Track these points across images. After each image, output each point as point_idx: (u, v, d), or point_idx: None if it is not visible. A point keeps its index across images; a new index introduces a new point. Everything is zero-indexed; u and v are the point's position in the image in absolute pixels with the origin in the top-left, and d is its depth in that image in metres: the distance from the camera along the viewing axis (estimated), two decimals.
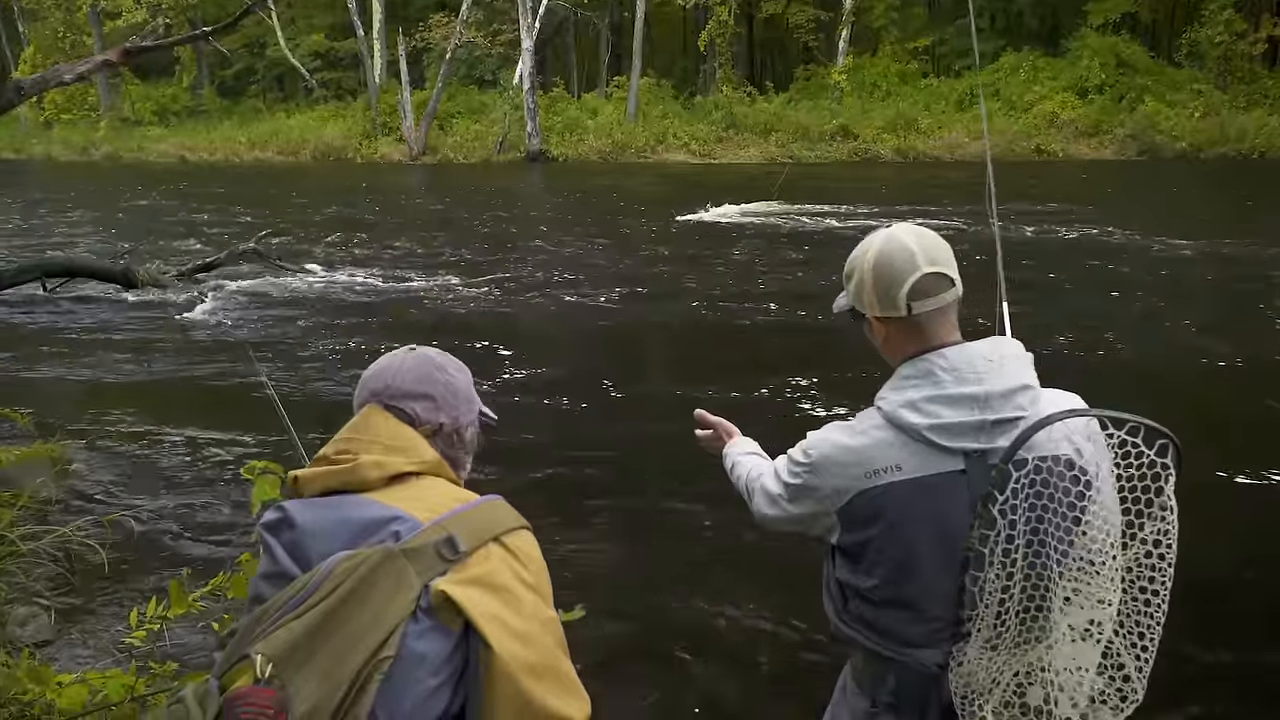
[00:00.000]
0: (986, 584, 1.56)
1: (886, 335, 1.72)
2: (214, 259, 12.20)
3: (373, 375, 1.57)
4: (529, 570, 1.40)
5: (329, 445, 1.49)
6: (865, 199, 19.38)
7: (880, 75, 34.39)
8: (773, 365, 7.92)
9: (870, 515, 1.65)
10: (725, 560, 4.58)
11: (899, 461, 1.62)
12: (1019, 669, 1.60)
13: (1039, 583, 1.58)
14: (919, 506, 1.62)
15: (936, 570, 1.63)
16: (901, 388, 1.66)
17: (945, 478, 1.61)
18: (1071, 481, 1.57)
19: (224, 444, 6.10)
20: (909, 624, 1.69)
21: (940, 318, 1.66)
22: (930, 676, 1.69)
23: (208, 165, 33.48)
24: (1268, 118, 27.95)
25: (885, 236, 1.70)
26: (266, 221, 15.95)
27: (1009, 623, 1.58)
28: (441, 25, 35.09)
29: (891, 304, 1.67)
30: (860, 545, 1.69)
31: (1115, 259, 12.58)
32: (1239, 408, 6.89)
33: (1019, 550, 1.55)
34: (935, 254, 1.66)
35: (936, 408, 1.61)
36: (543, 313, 10.36)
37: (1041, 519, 1.55)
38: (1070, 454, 1.59)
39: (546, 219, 19.15)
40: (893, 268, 1.66)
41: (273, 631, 1.29)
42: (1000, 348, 1.65)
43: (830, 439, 1.72)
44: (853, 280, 1.75)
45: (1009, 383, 1.61)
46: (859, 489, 1.65)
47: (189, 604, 2.91)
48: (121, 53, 8.05)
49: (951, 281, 1.67)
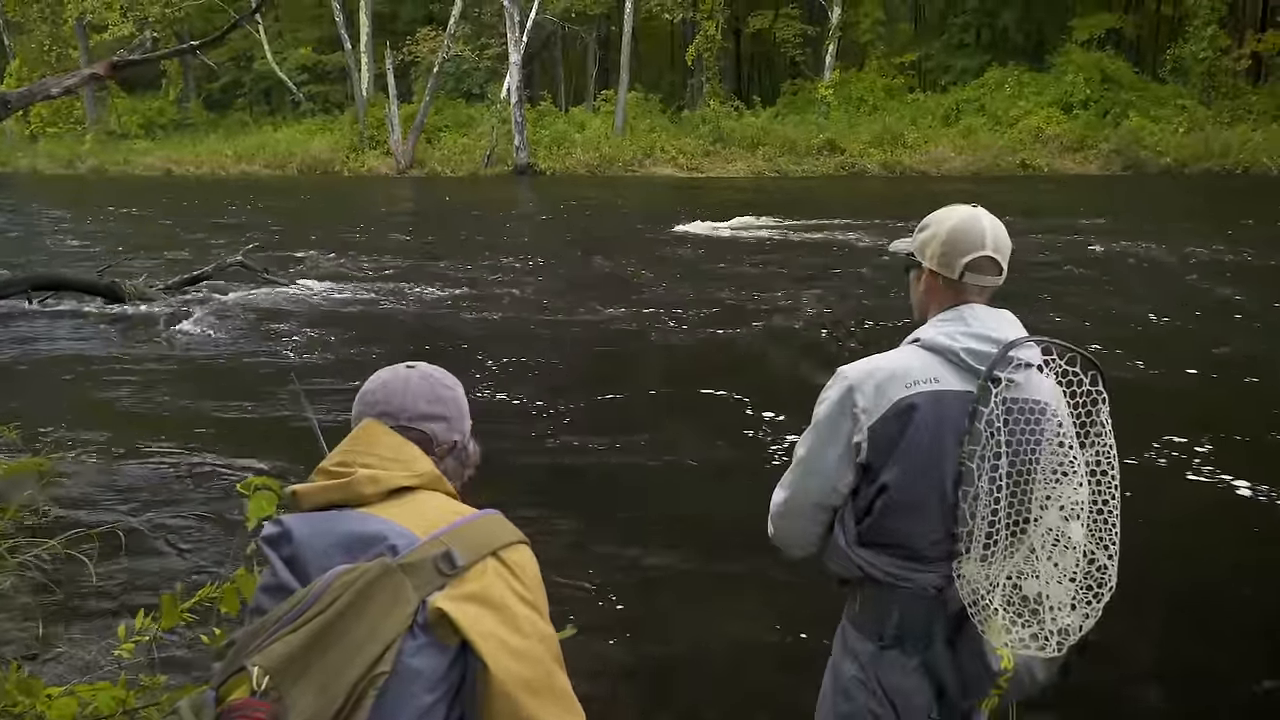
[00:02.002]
0: (979, 495, 1.80)
1: (930, 287, 1.99)
2: (201, 272, 12.16)
3: (377, 394, 1.56)
4: (526, 586, 1.40)
5: (327, 459, 1.50)
6: (850, 213, 19.47)
7: (867, 90, 34.59)
8: (763, 378, 7.95)
9: (906, 420, 1.86)
10: (720, 575, 4.59)
11: (936, 375, 1.88)
12: (1011, 571, 1.81)
13: (1022, 494, 1.81)
14: (949, 414, 1.85)
15: (950, 479, 1.85)
16: (937, 325, 1.94)
17: (971, 396, 1.85)
18: (1037, 405, 1.83)
19: (214, 456, 6.07)
20: (921, 529, 1.88)
21: (978, 291, 1.95)
22: (931, 600, 1.90)
23: (194, 178, 33.40)
24: (1251, 133, 28.16)
25: (968, 213, 1.95)
26: (254, 234, 15.91)
27: (1000, 530, 1.80)
28: (429, 39, 35.19)
29: (949, 265, 1.94)
30: (889, 450, 1.88)
31: (1106, 268, 12.68)
32: (1233, 412, 6.96)
33: (1004, 463, 1.79)
34: (1000, 244, 1.94)
35: (967, 339, 1.89)
36: (532, 325, 10.37)
37: (1015, 433, 1.80)
38: (1039, 398, 1.85)
39: (533, 232, 19.17)
40: (965, 237, 1.93)
41: (270, 644, 1.30)
42: (1010, 315, 1.95)
43: (869, 361, 1.95)
44: (926, 232, 2.00)
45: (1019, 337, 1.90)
46: (898, 395, 1.87)
47: (179, 616, 2.90)
48: (108, 66, 8.02)
49: (1001, 270, 1.94)
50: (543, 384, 7.94)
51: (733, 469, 5.94)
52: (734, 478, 5.79)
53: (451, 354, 8.91)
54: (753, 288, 11.97)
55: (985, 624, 1.80)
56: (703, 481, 5.81)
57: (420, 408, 1.54)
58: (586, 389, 7.77)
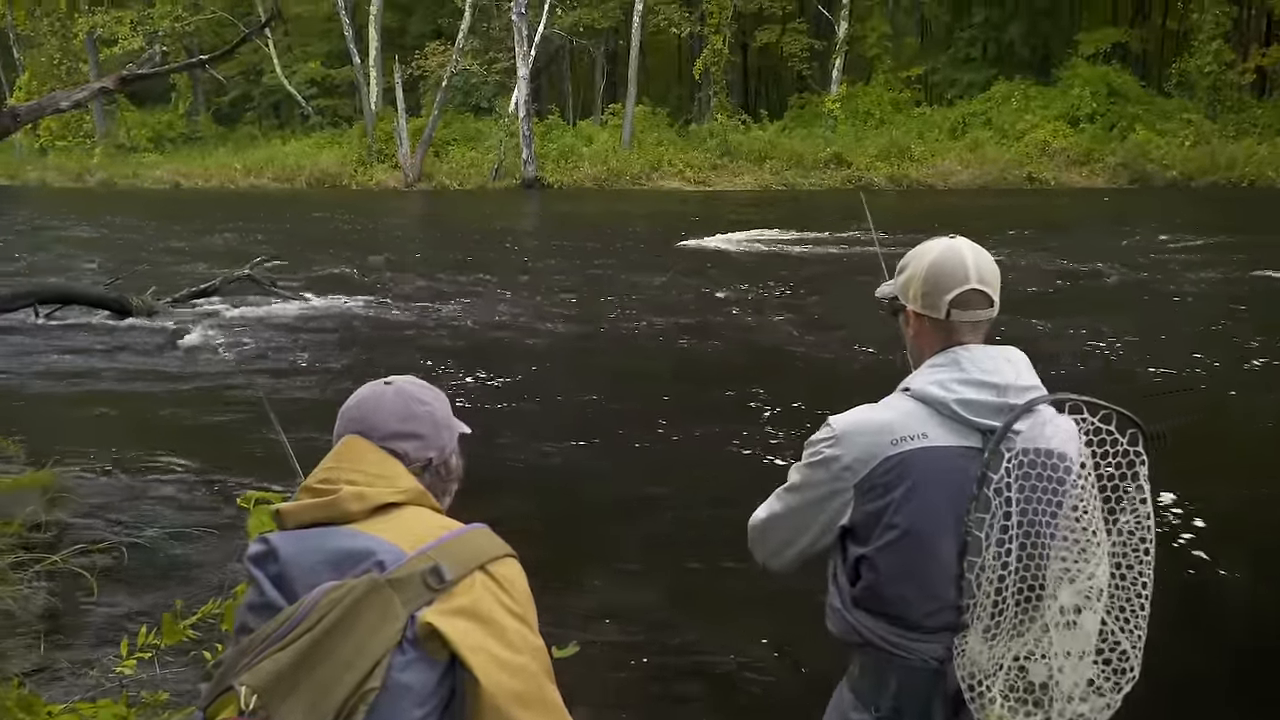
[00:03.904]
0: (985, 567, 1.65)
1: (919, 330, 1.85)
2: (209, 285, 12.20)
3: (353, 411, 1.55)
4: (514, 598, 1.40)
5: (311, 476, 1.49)
6: (858, 226, 19.44)
7: (874, 104, 34.59)
8: (769, 392, 7.93)
9: (892, 480, 1.73)
10: (719, 591, 4.56)
11: (925, 430, 1.73)
12: (1019, 652, 1.67)
13: (1033, 565, 1.66)
14: (939, 474, 1.71)
15: (947, 542, 1.71)
16: (928, 372, 1.79)
17: (965, 451, 1.71)
18: (1057, 464, 1.67)
19: (218, 472, 6.08)
20: (916, 600, 1.74)
21: (971, 329, 1.80)
22: (932, 673, 1.74)
23: (203, 192, 33.55)
24: (1257, 146, 28.18)
25: (947, 245, 1.82)
26: (262, 248, 15.96)
27: (1007, 606, 1.66)
28: (438, 53, 35.33)
29: (934, 305, 1.79)
30: (877, 513, 1.75)
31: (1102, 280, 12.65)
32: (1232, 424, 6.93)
33: (1014, 532, 1.64)
34: (985, 274, 1.79)
35: (961, 387, 1.73)
36: (535, 339, 10.37)
37: (1031, 500, 1.65)
38: (1053, 446, 1.69)
39: (541, 246, 19.21)
40: (947, 272, 1.78)
41: (258, 663, 1.29)
42: (1016, 354, 1.80)
43: (856, 414, 1.82)
44: (905, 273, 1.86)
45: (1025, 381, 1.75)
46: (884, 455, 1.74)
47: (181, 633, 2.90)
48: (118, 80, 8.06)
49: (991, 301, 1.79)
50: (542, 396, 7.94)
51: (735, 482, 5.91)
52: (736, 491, 5.73)
53: (455, 366, 8.92)
54: (762, 301, 11.96)
55: (981, 713, 1.67)
56: (705, 495, 5.79)
57: (392, 426, 1.52)
58: (586, 402, 7.77)
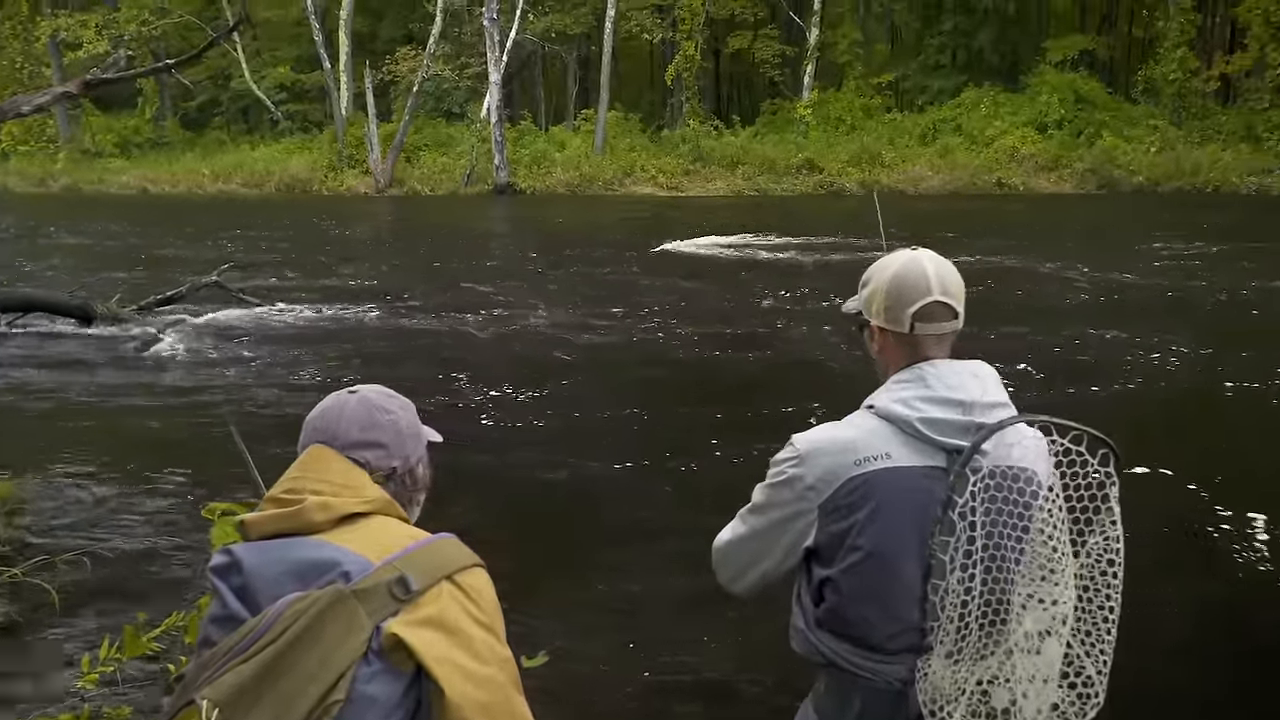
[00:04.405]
0: (948, 591, 1.63)
1: (884, 345, 1.83)
2: (175, 292, 12.03)
3: (317, 421, 1.54)
4: (482, 609, 1.39)
5: (276, 486, 1.47)
6: (830, 231, 19.56)
7: (845, 110, 34.85)
8: (745, 397, 7.93)
9: (856, 501, 1.71)
10: (694, 601, 4.51)
11: (889, 450, 1.71)
12: (982, 676, 1.65)
13: (998, 588, 1.65)
14: (903, 495, 1.69)
15: (910, 564, 1.69)
16: (893, 389, 1.76)
17: (929, 471, 1.69)
18: (1024, 485, 1.66)
19: (183, 482, 5.98)
20: (880, 622, 1.72)
21: (936, 342, 1.77)
22: (895, 694, 1.72)
23: (170, 197, 33.15)
24: (1221, 152, 28.71)
25: (908, 257, 1.80)
26: (230, 254, 15.80)
27: (970, 630, 1.65)
28: (409, 58, 35.18)
29: (896, 319, 1.77)
30: (841, 534, 1.73)
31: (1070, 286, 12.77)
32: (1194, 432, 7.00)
33: (978, 555, 1.62)
34: (948, 285, 1.77)
35: (926, 405, 1.70)
36: (506, 344, 10.33)
37: (997, 523, 1.63)
38: (1022, 464, 1.68)
39: (513, 251, 19.15)
40: (907, 287, 1.76)
41: (220, 676, 1.27)
42: (983, 368, 1.77)
43: (819, 432, 1.79)
44: (868, 288, 1.84)
45: (991, 398, 1.72)
46: (847, 475, 1.71)
47: (144, 646, 2.84)
48: (81, 84, 7.95)
49: (956, 313, 1.78)
50: (513, 402, 7.90)
51: (711, 489, 5.89)
52: (713, 498, 5.73)
53: (424, 372, 8.85)
54: (736, 307, 11.97)
55: None
56: (678, 501, 5.76)
57: (353, 435, 1.51)
58: (558, 407, 7.72)
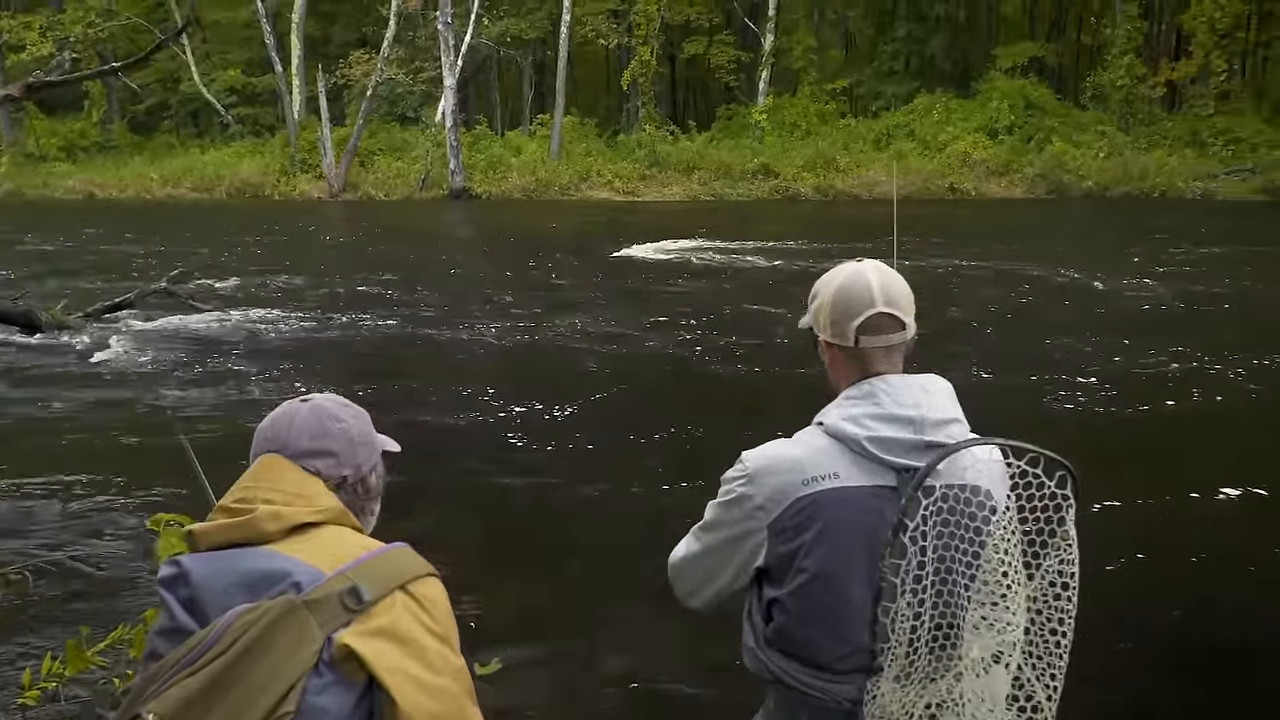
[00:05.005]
0: (898, 614, 1.60)
1: (833, 359, 1.81)
2: (123, 299, 11.78)
3: (268, 430, 1.52)
4: (435, 619, 1.37)
5: (227, 496, 1.45)
6: (785, 235, 19.69)
7: (800, 115, 35.16)
8: (700, 403, 7.93)
9: (803, 521, 1.69)
10: (652, 608, 4.48)
11: (837, 470, 1.68)
12: (931, 699, 1.63)
13: (949, 611, 1.63)
14: (851, 515, 1.67)
15: (859, 585, 1.66)
16: (843, 405, 1.74)
17: (878, 491, 1.66)
18: (978, 507, 1.63)
19: (130, 492, 5.85)
20: (828, 643, 1.71)
21: (884, 354, 1.75)
22: (844, 714, 1.70)
23: (118, 202, 32.54)
24: (1167, 157, 29.44)
25: (852, 270, 1.78)
26: (179, 260, 15.52)
27: (920, 653, 1.62)
28: (362, 62, 34.88)
29: (842, 333, 1.75)
30: (789, 555, 1.71)
31: (1024, 292, 12.97)
32: (1131, 435, 7.12)
33: (929, 579, 1.60)
34: (893, 296, 1.74)
35: (875, 423, 1.68)
36: (459, 350, 10.25)
37: (949, 546, 1.61)
38: (976, 483, 1.66)
39: (469, 257, 19.04)
40: (851, 298, 1.74)
41: (166, 689, 1.25)
42: (936, 383, 1.75)
43: (768, 450, 1.77)
44: (815, 301, 1.83)
45: (943, 414, 1.69)
46: (795, 495, 1.69)
47: (87, 661, 2.76)
48: (23, 88, 7.78)
49: (903, 324, 1.75)
50: (467, 408, 7.83)
51: (668, 498, 5.88)
52: (669, 506, 5.72)
53: (377, 378, 8.76)
54: (692, 311, 11.98)
55: None
56: (637, 508, 5.75)
57: (303, 444, 1.49)
58: (510, 414, 7.67)
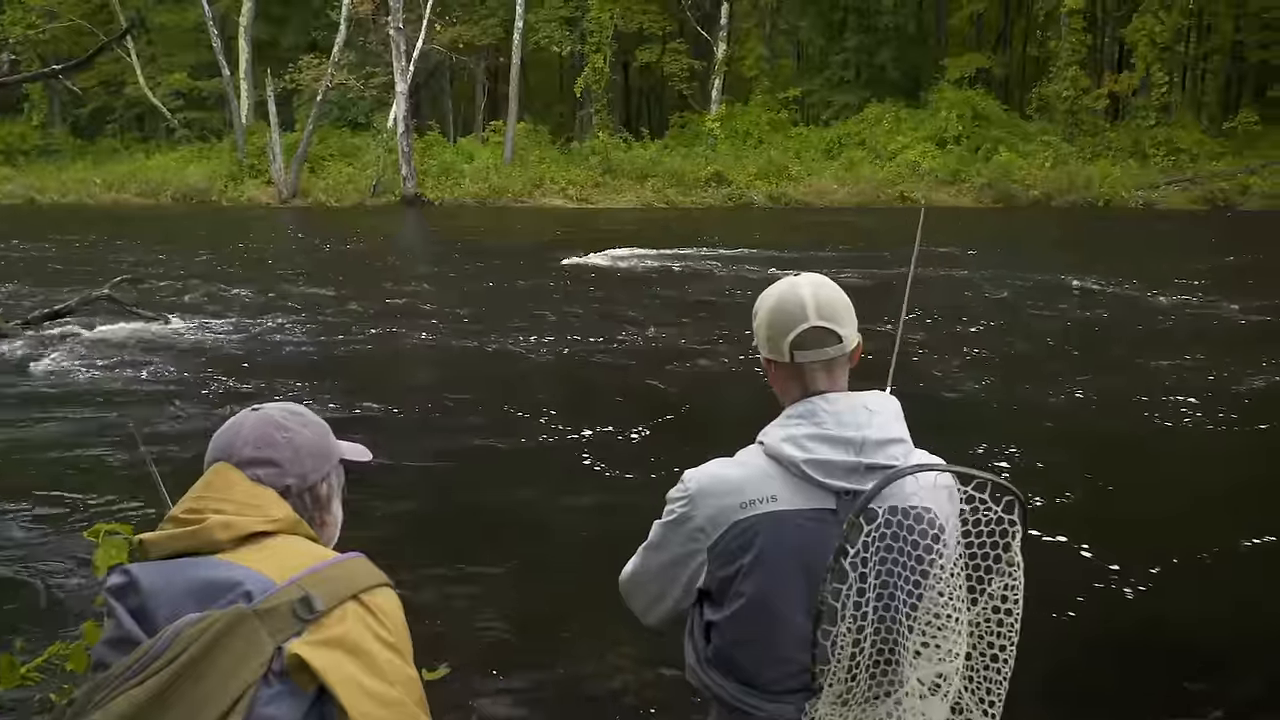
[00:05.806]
0: (838, 638, 1.58)
1: (774, 375, 1.80)
2: (64, 306, 11.51)
3: (218, 439, 1.50)
4: (388, 629, 1.35)
5: (178, 505, 1.42)
6: (737, 243, 19.82)
7: (752, 123, 35.48)
8: (647, 407, 7.94)
9: (741, 545, 1.67)
10: (604, 613, 4.47)
11: (774, 493, 1.66)
12: None
13: (889, 636, 1.62)
14: (789, 539, 1.65)
15: (797, 608, 1.65)
16: (784, 425, 1.72)
17: (817, 514, 1.65)
18: (921, 535, 1.60)
19: (69, 503, 5.70)
20: (765, 664, 1.70)
21: (822, 369, 1.73)
22: None
23: (60, 207, 31.80)
24: (1111, 168, 30.23)
25: (787, 285, 1.76)
26: (122, 266, 15.21)
27: (860, 676, 1.61)
28: (312, 67, 34.46)
29: (778, 349, 1.74)
30: (728, 579, 1.70)
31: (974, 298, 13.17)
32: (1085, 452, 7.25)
33: (870, 604, 1.58)
34: (827, 309, 1.72)
35: (815, 445, 1.66)
36: (413, 356, 10.17)
37: (892, 572, 1.59)
38: (921, 507, 1.62)
39: (421, 264, 18.91)
40: (784, 315, 1.73)
41: (111, 700, 1.22)
42: (881, 401, 1.73)
43: (708, 471, 1.75)
44: (755, 319, 1.81)
45: (885, 434, 1.67)
46: (734, 519, 1.67)
47: (21, 677, 2.68)
48: None
49: (839, 338, 1.72)
50: (421, 415, 7.77)
51: (619, 505, 5.86)
52: (620, 514, 5.71)
53: (327, 386, 8.65)
54: (644, 319, 12.00)
55: None
56: (589, 511, 5.73)
57: (247, 453, 1.46)
58: (466, 420, 7.62)
